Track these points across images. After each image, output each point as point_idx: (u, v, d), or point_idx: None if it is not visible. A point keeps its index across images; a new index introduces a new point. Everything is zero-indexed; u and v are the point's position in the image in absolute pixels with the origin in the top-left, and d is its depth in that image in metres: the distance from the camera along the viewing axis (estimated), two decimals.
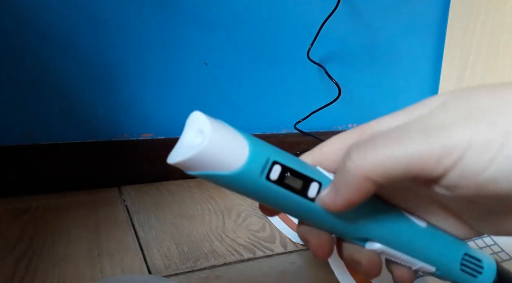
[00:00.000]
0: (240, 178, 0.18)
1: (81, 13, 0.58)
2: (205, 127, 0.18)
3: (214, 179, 0.18)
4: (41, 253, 0.41)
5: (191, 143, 0.18)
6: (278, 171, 0.18)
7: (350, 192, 0.18)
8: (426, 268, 0.22)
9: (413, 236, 0.21)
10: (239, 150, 0.18)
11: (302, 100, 0.76)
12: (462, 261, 0.22)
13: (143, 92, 0.64)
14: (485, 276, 0.22)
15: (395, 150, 0.17)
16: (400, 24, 0.82)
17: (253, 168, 0.18)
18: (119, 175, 0.63)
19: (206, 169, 0.18)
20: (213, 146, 0.17)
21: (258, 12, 0.69)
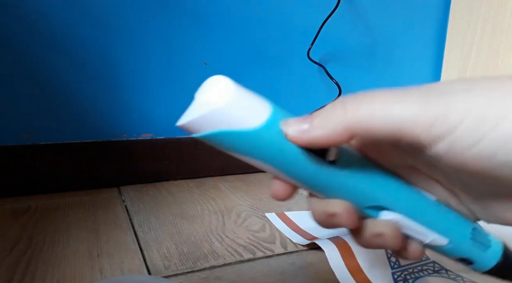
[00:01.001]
0: (259, 135, 0.17)
1: (81, 13, 0.58)
2: (227, 85, 0.17)
3: (228, 137, 0.17)
4: (41, 253, 0.41)
5: (209, 101, 0.17)
6: None
7: (323, 133, 0.17)
8: (439, 240, 0.22)
9: (427, 206, 0.21)
10: (261, 107, 0.17)
11: (302, 100, 0.76)
12: (472, 235, 0.22)
13: (143, 92, 0.64)
14: (494, 250, 0.22)
15: (388, 108, 0.17)
16: (400, 24, 0.82)
17: (276, 125, 0.17)
18: (119, 175, 0.63)
19: (221, 126, 0.17)
20: (235, 100, 0.17)
21: (258, 12, 0.69)
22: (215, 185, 0.67)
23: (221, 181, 0.69)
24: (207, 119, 0.17)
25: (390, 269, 0.37)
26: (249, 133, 0.17)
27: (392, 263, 0.38)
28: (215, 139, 0.18)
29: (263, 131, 0.17)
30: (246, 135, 0.17)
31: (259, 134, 0.17)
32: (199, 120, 0.17)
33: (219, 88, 0.17)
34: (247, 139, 0.17)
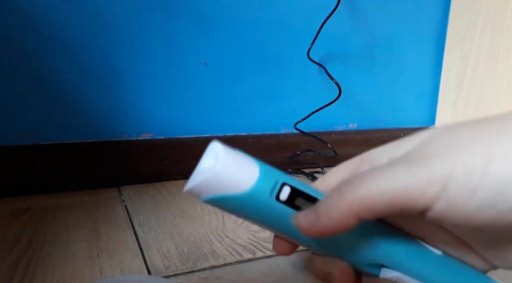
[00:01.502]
0: (250, 198, 0.18)
1: (81, 14, 0.58)
2: (219, 152, 0.19)
3: (226, 201, 0.19)
4: (41, 253, 0.41)
5: (205, 168, 0.19)
6: (288, 192, 0.19)
7: (330, 222, 0.18)
8: None
9: (429, 263, 0.20)
10: (250, 171, 0.19)
11: (302, 100, 0.76)
12: None
13: (143, 92, 0.64)
14: None
15: (380, 184, 0.17)
16: (400, 24, 0.82)
17: (264, 188, 0.19)
18: (119, 175, 0.63)
19: (218, 191, 0.18)
20: (225, 167, 0.18)
21: (258, 12, 0.69)
22: None
23: None
24: (205, 186, 0.18)
25: None
26: (241, 197, 0.18)
27: None
28: (216, 203, 0.19)
29: (253, 193, 0.18)
30: (239, 199, 0.19)
31: (250, 196, 0.18)
32: (198, 187, 0.19)
33: (214, 155, 0.19)
34: (241, 202, 0.19)
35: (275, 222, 0.19)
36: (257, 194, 0.19)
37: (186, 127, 0.68)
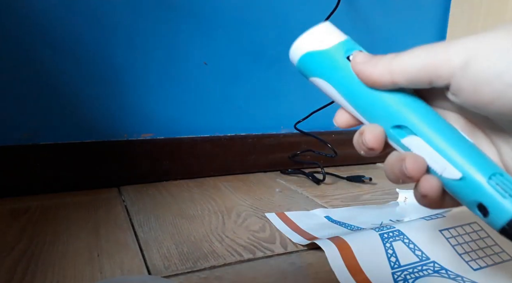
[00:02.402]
0: (330, 53, 0.24)
1: (81, 14, 0.58)
2: (321, 24, 0.25)
3: (312, 57, 0.24)
4: (41, 253, 0.41)
5: None
6: None
7: (375, 71, 0.22)
8: (452, 172, 0.21)
9: (450, 135, 0.22)
10: (338, 37, 0.24)
11: (302, 100, 0.76)
12: (493, 177, 0.20)
13: (143, 92, 0.64)
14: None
15: (408, 62, 0.21)
16: (400, 24, 0.82)
17: (340, 48, 0.24)
18: (119, 175, 0.63)
19: (309, 48, 0.24)
20: (318, 30, 0.25)
21: (258, 12, 0.69)
22: (215, 185, 0.67)
23: (221, 181, 0.69)
24: (303, 42, 0.25)
25: (390, 269, 0.37)
26: (323, 52, 0.24)
27: (392, 263, 0.38)
28: (305, 61, 0.25)
29: (332, 50, 0.24)
30: (322, 54, 0.24)
31: (330, 51, 0.24)
32: (299, 43, 0.25)
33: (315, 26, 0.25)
34: (322, 57, 0.24)
35: (339, 77, 0.24)
36: (335, 51, 0.24)
37: (186, 127, 0.68)
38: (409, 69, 0.21)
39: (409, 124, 0.22)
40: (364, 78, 0.23)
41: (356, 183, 0.70)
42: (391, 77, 0.22)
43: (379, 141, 0.23)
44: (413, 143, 0.22)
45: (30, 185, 0.58)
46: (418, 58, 0.21)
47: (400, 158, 0.22)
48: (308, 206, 0.58)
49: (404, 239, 0.41)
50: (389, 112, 0.23)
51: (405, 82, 0.22)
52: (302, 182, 0.70)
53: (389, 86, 0.22)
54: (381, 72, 0.22)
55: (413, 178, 0.22)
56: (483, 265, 0.38)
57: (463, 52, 0.20)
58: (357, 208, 0.56)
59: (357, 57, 0.23)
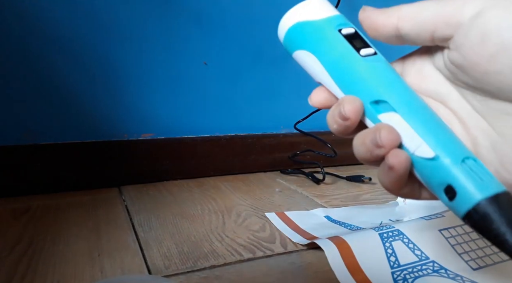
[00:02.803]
0: (321, 24, 0.24)
1: (82, 13, 0.58)
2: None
3: (304, 26, 0.24)
4: (41, 253, 0.41)
5: None
6: (350, 31, 0.24)
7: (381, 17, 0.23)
8: (425, 151, 0.20)
9: (426, 116, 0.21)
10: (331, 11, 0.24)
11: (302, 100, 0.76)
12: (466, 161, 0.20)
13: (143, 92, 0.64)
14: (488, 185, 0.19)
15: (422, 8, 0.21)
16: None
17: (333, 21, 0.24)
18: (119, 175, 0.63)
19: (302, 18, 0.24)
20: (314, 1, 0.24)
21: (258, 12, 0.69)
22: (215, 184, 0.67)
23: (221, 181, 0.69)
24: (292, 13, 0.25)
25: (390, 269, 0.37)
26: (315, 23, 0.24)
27: (391, 263, 0.38)
28: (294, 31, 0.25)
29: (325, 21, 0.24)
30: (314, 24, 0.24)
31: (323, 22, 0.24)
32: (291, 13, 0.25)
33: None
34: (314, 27, 0.24)
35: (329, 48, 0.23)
36: (326, 23, 0.24)
37: (186, 127, 0.68)
38: (419, 15, 0.21)
39: (389, 100, 0.22)
40: (369, 25, 0.23)
41: (355, 183, 0.70)
42: (397, 23, 0.22)
43: (357, 112, 0.22)
44: (391, 119, 0.22)
45: (31, 185, 0.58)
46: (431, 5, 0.21)
47: (374, 128, 0.21)
48: (308, 205, 0.58)
49: (404, 239, 0.41)
50: (370, 86, 0.22)
51: (409, 30, 0.22)
52: (302, 181, 0.71)
53: (392, 33, 0.22)
54: (388, 17, 0.22)
55: (384, 148, 0.21)
56: (483, 265, 0.38)
57: (478, 2, 0.19)
58: (357, 208, 0.56)
59: (366, 8, 0.24)
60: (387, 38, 0.23)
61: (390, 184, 0.22)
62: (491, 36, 0.19)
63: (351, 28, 0.24)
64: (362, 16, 0.24)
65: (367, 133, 0.22)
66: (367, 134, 0.22)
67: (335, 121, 0.23)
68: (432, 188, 0.21)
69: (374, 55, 0.23)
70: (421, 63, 0.24)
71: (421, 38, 0.22)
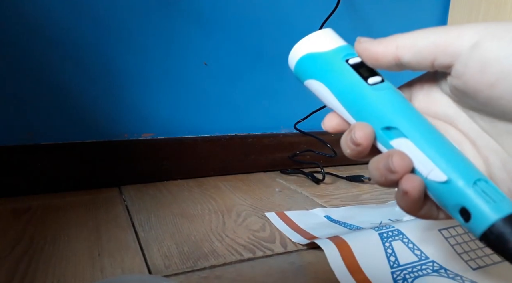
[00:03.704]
0: (329, 55, 0.25)
1: (82, 13, 0.58)
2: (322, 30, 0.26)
3: (312, 58, 0.25)
4: (41, 253, 0.41)
5: None
6: (356, 61, 0.25)
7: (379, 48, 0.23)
8: (438, 174, 0.21)
9: (437, 140, 0.22)
10: (338, 42, 0.26)
11: (302, 100, 0.76)
12: (478, 182, 0.20)
13: (143, 92, 0.64)
14: (502, 206, 0.19)
15: (418, 37, 0.22)
16: (400, 24, 0.82)
17: (340, 52, 0.25)
18: (119, 175, 0.63)
19: (310, 50, 0.25)
20: (320, 34, 0.26)
21: (258, 12, 0.69)
22: (215, 184, 0.67)
23: (221, 181, 0.69)
24: (304, 44, 0.26)
25: (390, 269, 0.37)
26: (323, 54, 0.25)
27: (391, 263, 0.38)
28: (304, 62, 0.26)
29: (333, 52, 0.25)
30: (322, 56, 0.25)
31: (330, 53, 0.25)
32: (300, 45, 0.26)
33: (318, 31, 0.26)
34: (322, 58, 0.25)
35: (337, 78, 0.24)
36: (334, 54, 0.25)
37: (186, 127, 0.68)
38: (417, 44, 0.22)
39: (400, 126, 0.22)
40: (369, 56, 0.23)
41: (355, 183, 0.70)
42: (396, 52, 0.22)
43: (368, 138, 0.23)
44: (402, 144, 0.22)
45: (31, 184, 0.58)
46: (428, 34, 0.22)
47: (387, 154, 0.22)
48: (308, 205, 0.58)
49: (404, 239, 0.41)
50: (381, 113, 0.23)
51: (409, 58, 0.22)
52: (301, 181, 0.71)
53: (392, 62, 0.23)
54: (386, 48, 0.23)
55: (397, 173, 0.21)
56: (482, 265, 0.38)
57: (475, 32, 0.20)
58: (357, 208, 0.56)
59: (362, 39, 0.24)
60: (388, 67, 0.24)
61: (407, 207, 0.22)
62: (491, 65, 0.19)
63: (358, 58, 0.25)
64: (359, 48, 0.24)
65: (380, 159, 0.22)
66: (380, 160, 0.22)
67: (348, 147, 0.24)
68: (447, 210, 0.22)
69: (381, 82, 0.24)
70: (428, 87, 0.25)
71: (422, 66, 0.22)
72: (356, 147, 0.23)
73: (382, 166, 0.22)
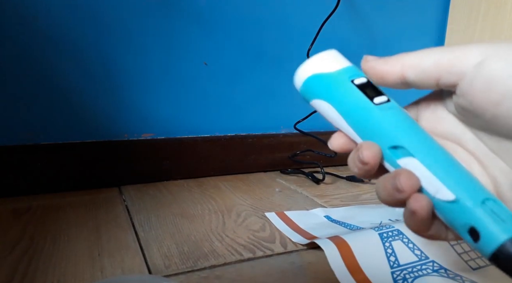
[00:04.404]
0: (335, 76, 0.25)
1: (82, 14, 0.58)
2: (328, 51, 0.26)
3: (319, 79, 0.26)
4: (41, 253, 0.41)
5: None
6: (362, 81, 0.25)
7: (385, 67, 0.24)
8: (445, 194, 0.21)
9: (444, 160, 0.22)
10: (344, 63, 0.26)
11: (302, 100, 0.76)
12: (486, 202, 0.20)
13: (143, 92, 0.64)
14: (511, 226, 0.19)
15: (423, 56, 0.22)
16: (400, 24, 0.82)
17: (345, 72, 0.25)
18: (119, 175, 0.63)
19: (316, 71, 0.26)
20: (325, 55, 0.26)
21: (258, 12, 0.69)
22: (215, 184, 0.67)
23: (221, 181, 0.69)
24: (310, 65, 0.26)
25: (390, 269, 0.37)
26: (329, 75, 0.25)
27: (391, 262, 0.38)
28: (310, 82, 0.26)
29: (339, 73, 0.25)
30: (328, 76, 0.25)
31: (336, 74, 0.25)
32: (306, 66, 0.26)
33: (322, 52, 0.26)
34: (328, 79, 0.25)
35: (343, 98, 0.25)
36: (341, 74, 0.25)
37: (186, 127, 0.68)
38: (422, 63, 0.22)
39: (406, 145, 0.22)
40: (375, 74, 0.24)
41: (355, 183, 0.70)
42: (401, 71, 0.23)
43: (376, 157, 0.23)
44: (409, 163, 0.22)
45: (31, 184, 0.58)
46: (433, 54, 0.22)
47: (394, 173, 0.22)
48: (308, 205, 0.58)
49: (403, 239, 0.41)
50: (387, 132, 0.23)
51: (414, 77, 0.22)
52: (301, 181, 0.71)
53: (398, 81, 0.23)
54: (392, 66, 0.23)
55: (405, 193, 0.21)
56: (482, 265, 0.38)
57: (479, 52, 0.20)
58: (357, 208, 0.56)
59: (368, 57, 0.25)
60: (394, 85, 0.24)
61: (415, 227, 0.22)
62: (496, 84, 0.20)
63: (363, 78, 0.25)
64: (366, 66, 0.25)
65: (388, 178, 0.22)
66: (387, 179, 0.22)
67: (356, 166, 0.24)
68: (456, 230, 0.21)
69: (387, 102, 0.24)
70: (434, 107, 0.25)
71: (427, 85, 0.23)
72: (363, 166, 0.23)
73: (389, 185, 0.22)
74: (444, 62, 0.21)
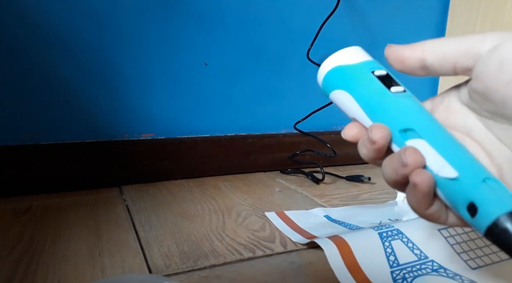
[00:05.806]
0: (357, 67, 0.27)
1: (82, 14, 0.58)
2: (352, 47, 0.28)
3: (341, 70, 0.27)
4: (42, 253, 0.41)
5: None
6: (382, 73, 0.26)
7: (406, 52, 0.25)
8: (448, 171, 0.22)
9: (450, 142, 0.23)
10: (362, 56, 0.27)
11: (302, 100, 0.76)
12: (487, 180, 0.21)
13: (143, 92, 0.64)
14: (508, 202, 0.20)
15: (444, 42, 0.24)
16: (400, 24, 0.82)
17: (367, 65, 0.27)
18: (120, 175, 0.63)
19: (340, 62, 0.27)
20: (349, 49, 0.27)
21: (258, 12, 0.69)
22: (215, 184, 0.67)
23: (221, 180, 0.69)
24: (332, 59, 0.27)
25: (389, 268, 0.38)
26: (351, 66, 0.27)
27: (391, 262, 0.38)
28: (333, 73, 0.27)
29: (361, 64, 0.27)
30: (350, 67, 0.27)
31: (358, 65, 0.27)
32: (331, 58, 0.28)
33: None
34: (350, 70, 0.27)
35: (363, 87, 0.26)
36: (362, 66, 0.26)
37: (186, 127, 0.69)
38: (442, 48, 0.24)
39: (416, 128, 0.24)
40: (396, 58, 0.25)
41: (355, 183, 0.71)
42: (422, 55, 0.24)
43: (385, 137, 0.24)
44: (417, 144, 0.23)
45: (31, 184, 0.58)
46: (453, 40, 0.23)
47: (401, 150, 0.23)
48: (308, 205, 0.58)
49: (403, 238, 0.41)
50: (400, 116, 0.24)
51: (433, 61, 0.24)
52: (301, 181, 0.71)
53: (417, 65, 0.25)
54: (412, 50, 0.25)
55: (409, 167, 0.22)
56: (482, 264, 0.38)
57: (496, 37, 0.22)
58: (356, 207, 0.56)
59: (391, 45, 0.26)
60: (412, 70, 0.25)
61: (416, 203, 0.23)
62: (508, 64, 0.21)
63: (383, 70, 0.26)
64: (389, 51, 0.26)
65: (394, 155, 0.24)
66: (394, 156, 0.24)
67: (365, 146, 0.25)
68: (455, 207, 0.22)
69: (403, 92, 0.25)
70: (448, 100, 0.27)
71: (445, 69, 0.24)
72: (371, 146, 0.24)
73: (395, 161, 0.23)
74: (462, 46, 0.23)
